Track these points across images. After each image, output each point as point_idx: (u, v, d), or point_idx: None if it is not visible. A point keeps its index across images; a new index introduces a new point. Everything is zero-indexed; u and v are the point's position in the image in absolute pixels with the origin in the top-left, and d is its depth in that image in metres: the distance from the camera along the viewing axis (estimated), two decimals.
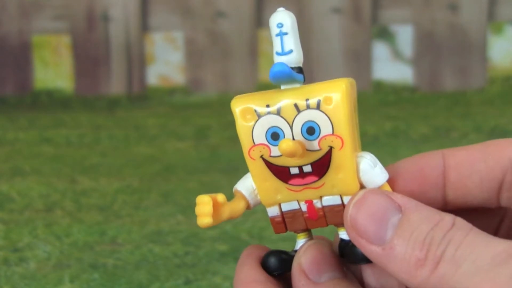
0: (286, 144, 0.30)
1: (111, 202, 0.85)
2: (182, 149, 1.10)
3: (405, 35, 1.39)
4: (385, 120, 1.20)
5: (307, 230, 0.33)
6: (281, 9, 0.31)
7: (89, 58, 1.42)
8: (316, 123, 0.31)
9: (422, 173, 0.33)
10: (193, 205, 0.89)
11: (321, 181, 0.32)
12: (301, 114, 0.31)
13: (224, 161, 1.01)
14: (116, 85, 1.42)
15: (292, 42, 0.31)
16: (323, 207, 0.32)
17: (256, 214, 0.76)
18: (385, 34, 1.39)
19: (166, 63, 1.42)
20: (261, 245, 0.34)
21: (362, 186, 0.32)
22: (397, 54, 1.39)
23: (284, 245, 0.52)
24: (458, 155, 0.33)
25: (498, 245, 0.28)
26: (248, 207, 0.33)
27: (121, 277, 0.65)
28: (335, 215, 0.32)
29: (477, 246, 0.28)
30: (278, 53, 0.31)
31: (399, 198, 0.30)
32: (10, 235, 0.75)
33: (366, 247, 0.29)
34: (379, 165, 0.32)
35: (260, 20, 1.40)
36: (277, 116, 0.31)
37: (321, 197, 0.32)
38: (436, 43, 1.38)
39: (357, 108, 0.33)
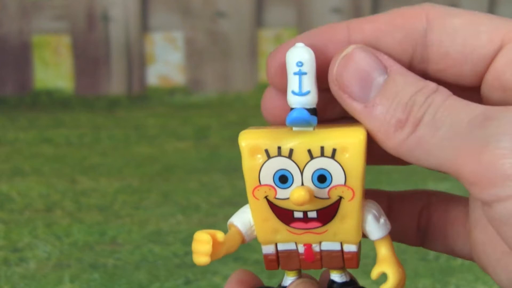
0: (298, 194, 0.29)
1: (111, 202, 0.85)
2: (182, 149, 1.10)
3: None
4: None
5: (299, 268, 0.33)
6: (300, 44, 0.30)
7: (89, 58, 1.42)
8: (329, 171, 0.30)
9: (327, 49, 0.31)
10: (193, 205, 0.89)
11: (324, 228, 0.31)
12: (313, 160, 0.30)
13: (224, 161, 1.01)
14: (116, 85, 1.42)
15: (310, 82, 0.29)
16: (321, 251, 0.32)
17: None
18: None
19: (166, 63, 1.42)
20: (250, 272, 0.33)
21: (363, 235, 0.31)
22: None
23: None
24: (364, 30, 0.31)
25: (475, 108, 0.27)
26: (243, 241, 0.32)
27: (121, 277, 0.65)
28: (331, 260, 0.32)
29: (455, 109, 0.28)
30: (294, 93, 0.29)
31: (386, 60, 0.29)
32: (10, 235, 0.75)
33: (348, 102, 0.29)
34: (384, 217, 0.31)
35: (260, 20, 1.40)
36: (288, 160, 0.30)
37: (320, 242, 0.31)
38: None
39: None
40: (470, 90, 0.30)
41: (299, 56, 0.29)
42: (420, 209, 0.34)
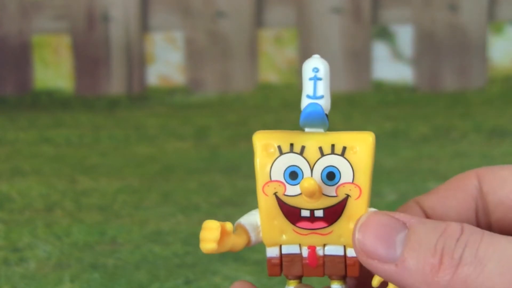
0: (308, 182, 0.30)
1: (111, 202, 0.85)
2: (182, 149, 1.10)
3: (405, 35, 1.39)
4: (385, 120, 1.20)
5: (300, 278, 0.33)
6: (316, 56, 0.31)
7: (89, 58, 1.42)
8: (338, 169, 0.31)
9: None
10: (193, 205, 0.89)
11: (330, 228, 0.31)
12: (324, 158, 0.31)
13: (224, 161, 1.01)
14: (116, 85, 1.42)
15: (324, 88, 0.31)
16: (325, 255, 0.32)
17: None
18: (385, 34, 1.39)
19: (166, 63, 1.42)
20: (250, 283, 0.33)
21: None
22: (397, 54, 1.39)
23: None
24: (431, 201, 0.34)
25: None
26: (248, 243, 0.32)
27: (121, 277, 0.65)
28: (334, 266, 0.32)
29: (498, 245, 0.28)
30: (309, 96, 0.31)
31: (402, 216, 0.30)
32: (10, 235, 0.75)
33: (379, 267, 0.30)
34: None
35: (260, 20, 1.40)
36: (299, 156, 0.31)
37: (324, 245, 0.32)
38: (436, 43, 1.38)
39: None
40: None
41: (315, 64, 0.31)
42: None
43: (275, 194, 0.31)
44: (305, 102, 0.31)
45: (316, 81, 0.31)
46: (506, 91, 1.35)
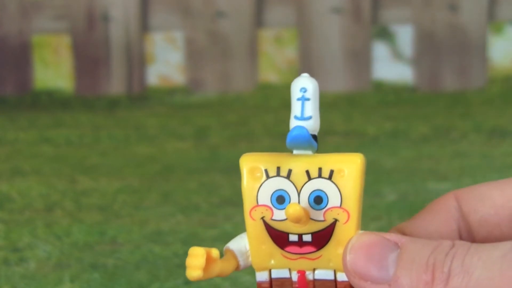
0: (293, 208, 0.29)
1: (111, 202, 0.85)
2: (182, 149, 1.10)
3: (405, 35, 1.38)
4: (385, 120, 1.20)
5: None
6: (305, 74, 0.31)
7: (89, 58, 1.42)
8: (325, 193, 0.30)
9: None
10: (193, 205, 0.89)
11: (319, 253, 0.31)
12: (311, 181, 0.30)
13: (224, 161, 1.01)
14: (116, 85, 1.42)
15: (312, 108, 0.30)
16: (315, 280, 0.31)
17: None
18: (385, 34, 1.39)
19: (166, 63, 1.42)
20: None
21: None
22: (397, 54, 1.39)
23: None
24: (412, 227, 0.33)
25: (505, 244, 0.28)
26: (237, 267, 0.32)
27: (121, 277, 0.65)
28: None
29: (483, 252, 0.28)
30: (296, 118, 0.30)
31: (393, 236, 0.30)
32: (10, 235, 0.75)
33: None
34: None
35: (260, 20, 1.40)
36: (286, 180, 0.31)
37: (314, 269, 0.31)
38: (436, 43, 1.38)
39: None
40: None
41: (303, 83, 0.30)
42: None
43: (262, 218, 0.31)
44: (292, 123, 0.30)
45: (304, 101, 0.30)
46: (506, 91, 1.35)
